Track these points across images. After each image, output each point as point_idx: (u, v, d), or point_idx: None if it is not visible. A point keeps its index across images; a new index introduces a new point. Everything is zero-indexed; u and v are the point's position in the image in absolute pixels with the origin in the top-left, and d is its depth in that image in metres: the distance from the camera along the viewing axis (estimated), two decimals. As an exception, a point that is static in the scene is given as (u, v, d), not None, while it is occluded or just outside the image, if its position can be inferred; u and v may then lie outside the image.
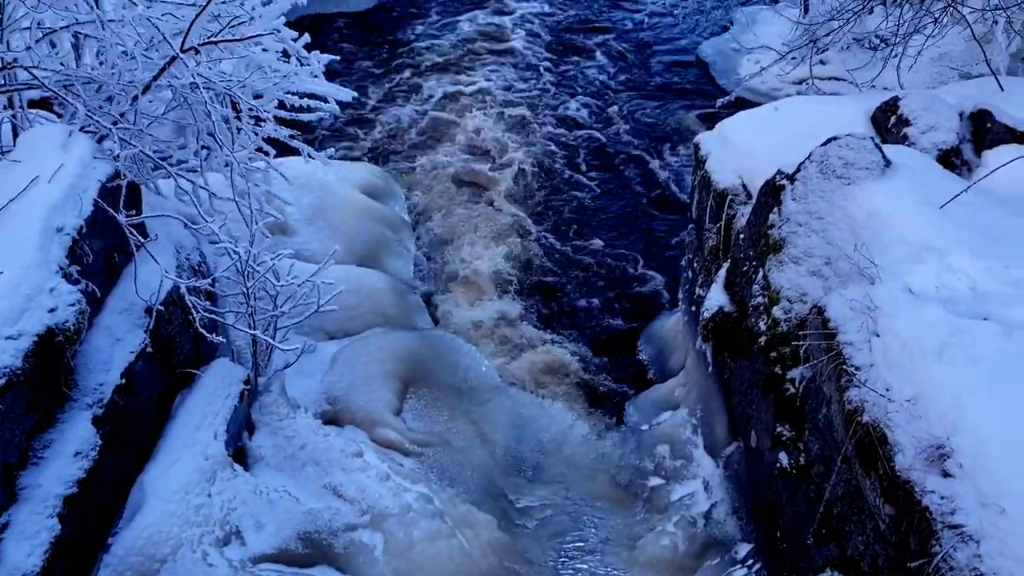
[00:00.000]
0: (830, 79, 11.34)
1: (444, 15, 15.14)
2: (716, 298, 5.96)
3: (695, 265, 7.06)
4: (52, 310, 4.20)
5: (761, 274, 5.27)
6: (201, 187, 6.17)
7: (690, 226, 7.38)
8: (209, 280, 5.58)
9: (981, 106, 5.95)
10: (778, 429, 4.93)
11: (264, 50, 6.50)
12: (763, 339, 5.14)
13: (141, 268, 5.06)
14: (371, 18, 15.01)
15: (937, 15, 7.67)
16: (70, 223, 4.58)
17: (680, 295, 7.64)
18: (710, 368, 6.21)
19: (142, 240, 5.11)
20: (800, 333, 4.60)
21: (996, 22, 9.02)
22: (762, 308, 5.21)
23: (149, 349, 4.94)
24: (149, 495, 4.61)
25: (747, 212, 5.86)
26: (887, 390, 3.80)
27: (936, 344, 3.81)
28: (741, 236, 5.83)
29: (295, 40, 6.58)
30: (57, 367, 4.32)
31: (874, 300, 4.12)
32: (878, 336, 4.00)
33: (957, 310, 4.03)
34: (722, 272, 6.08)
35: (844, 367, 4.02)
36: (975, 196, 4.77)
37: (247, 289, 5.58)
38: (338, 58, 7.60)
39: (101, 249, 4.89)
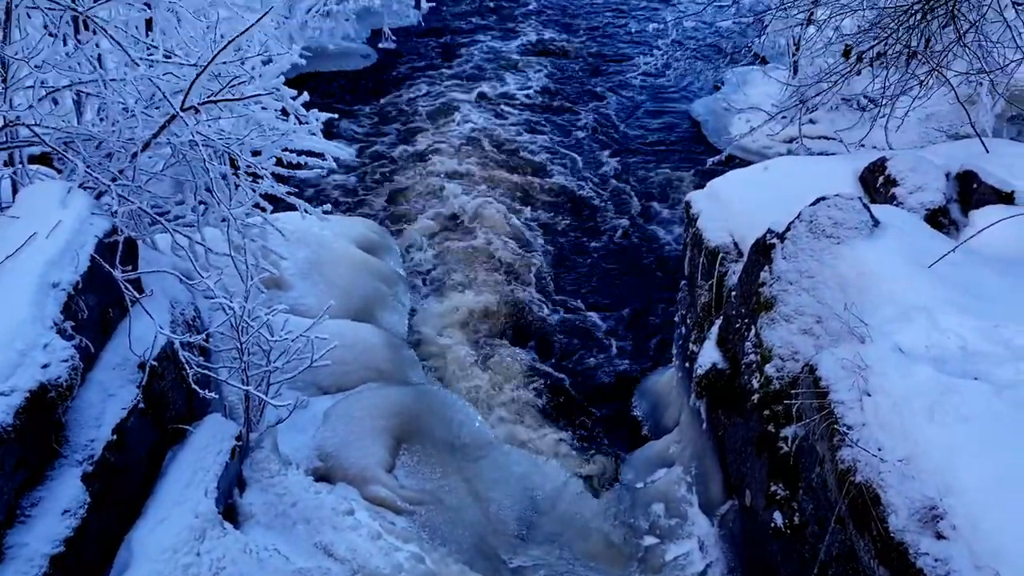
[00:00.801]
0: (819, 138, 11.56)
1: (440, 74, 15.43)
2: (709, 355, 5.98)
3: (688, 321, 7.09)
4: (45, 366, 4.20)
5: (753, 332, 5.30)
6: (198, 242, 6.22)
7: (683, 282, 7.43)
8: (203, 336, 5.58)
9: (967, 167, 6.05)
10: (772, 488, 4.91)
11: (263, 108, 6.62)
12: (756, 397, 5.15)
13: (136, 323, 5.06)
14: (369, 76, 15.30)
15: (922, 78, 7.84)
16: (66, 279, 4.61)
17: (674, 351, 7.65)
18: (704, 425, 6.19)
19: (137, 295, 5.13)
20: (792, 392, 4.61)
21: (981, 83, 9.24)
22: (755, 366, 5.23)
23: (141, 405, 4.92)
24: (137, 554, 4.54)
25: (738, 270, 5.92)
26: (879, 450, 3.81)
27: (927, 404, 3.83)
28: (733, 293, 5.87)
29: (294, 99, 6.71)
30: (48, 423, 4.30)
31: (865, 359, 4.14)
32: (869, 395, 4.01)
33: (947, 369, 4.05)
34: (715, 329, 6.11)
35: (836, 426, 4.03)
36: (963, 256, 4.82)
37: (241, 344, 5.58)
38: (336, 116, 7.75)
39: (96, 304, 4.90)
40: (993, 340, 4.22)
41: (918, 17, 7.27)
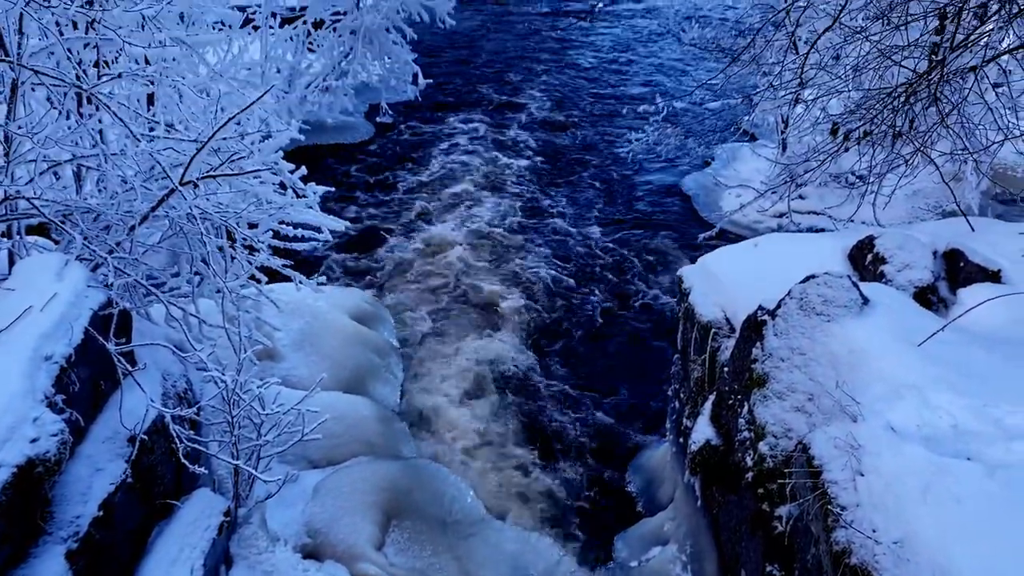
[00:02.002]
0: (808, 213, 11.76)
1: (436, 148, 15.71)
2: (703, 431, 5.95)
3: (682, 396, 7.08)
4: (34, 440, 4.17)
5: (746, 408, 5.30)
6: (192, 314, 6.24)
7: (676, 356, 7.44)
8: (194, 409, 5.55)
9: (953, 245, 6.15)
10: (768, 568, 4.84)
11: (261, 182, 6.72)
12: (750, 475, 5.11)
13: (127, 396, 5.05)
14: (366, 150, 15.57)
15: (908, 157, 8.01)
16: (59, 351, 4.61)
17: (668, 425, 7.62)
18: (699, 502, 6.13)
19: (130, 368, 5.12)
20: (786, 471, 4.59)
21: (965, 162, 9.44)
22: (748, 443, 5.21)
23: (129, 480, 4.86)
24: (118, 635, 4.45)
25: (731, 345, 5.94)
26: (874, 531, 3.78)
27: (920, 485, 3.81)
28: (725, 369, 5.88)
29: (292, 172, 6.82)
30: (35, 499, 4.24)
31: (857, 438, 4.14)
32: (863, 475, 4.00)
33: (939, 449, 4.05)
34: (708, 404, 6.10)
35: (830, 507, 4.00)
36: (952, 334, 4.86)
37: (232, 418, 5.55)
38: (333, 189, 7.85)
39: (88, 377, 4.89)
40: (983, 419, 4.23)
41: (902, 100, 7.48)
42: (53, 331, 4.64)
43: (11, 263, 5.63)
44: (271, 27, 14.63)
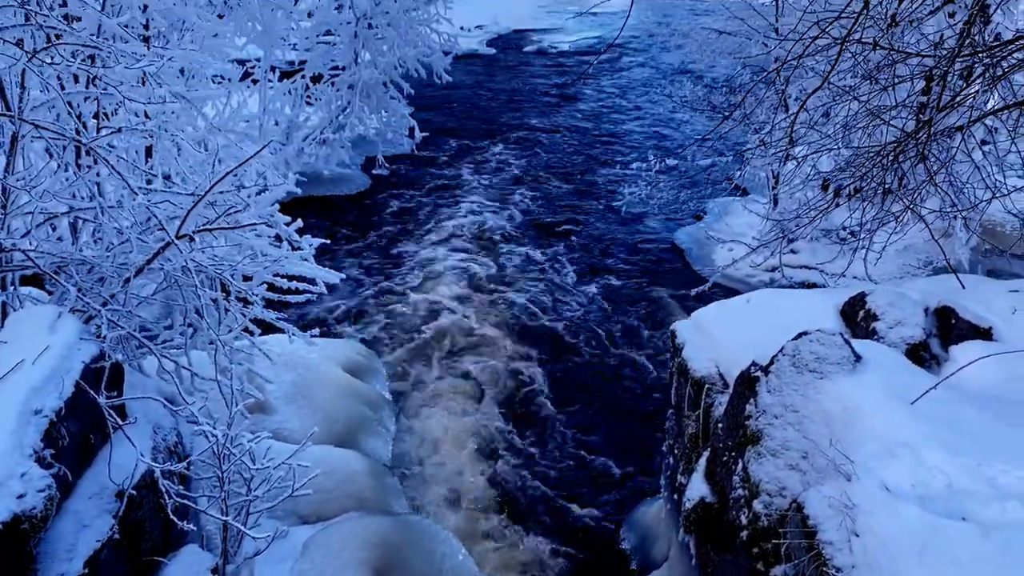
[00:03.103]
0: (801, 267, 11.85)
1: (431, 200, 15.84)
2: (697, 488, 5.91)
3: (676, 452, 7.04)
4: (21, 496, 4.12)
5: (740, 465, 5.27)
6: (184, 367, 6.22)
7: (670, 411, 7.41)
8: (184, 464, 5.50)
9: (944, 303, 6.18)
10: (763, 630, 4.76)
11: (257, 235, 6.75)
12: (745, 533, 5.06)
13: (116, 449, 5.00)
14: (362, 201, 15.68)
15: (897, 214, 8.11)
16: (49, 405, 4.57)
17: (662, 481, 7.56)
18: (693, 561, 6.05)
19: (120, 422, 5.08)
20: (781, 530, 4.55)
21: (955, 218, 9.55)
22: (743, 501, 5.17)
23: (116, 536, 4.79)
24: None
25: (724, 401, 5.93)
26: (870, 593, 3.74)
27: (916, 546, 3.78)
28: (719, 425, 5.86)
29: (288, 224, 6.86)
30: (19, 556, 4.17)
31: (851, 498, 4.12)
32: (857, 536, 3.97)
33: (934, 509, 4.02)
34: (702, 461, 6.06)
35: (825, 568, 3.96)
36: (944, 392, 4.87)
37: (222, 472, 5.49)
38: (328, 241, 7.89)
39: (78, 431, 4.85)
40: (978, 478, 4.21)
41: (890, 158, 7.60)
42: (44, 385, 4.62)
43: (4, 315, 5.63)
44: (270, 81, 14.84)
